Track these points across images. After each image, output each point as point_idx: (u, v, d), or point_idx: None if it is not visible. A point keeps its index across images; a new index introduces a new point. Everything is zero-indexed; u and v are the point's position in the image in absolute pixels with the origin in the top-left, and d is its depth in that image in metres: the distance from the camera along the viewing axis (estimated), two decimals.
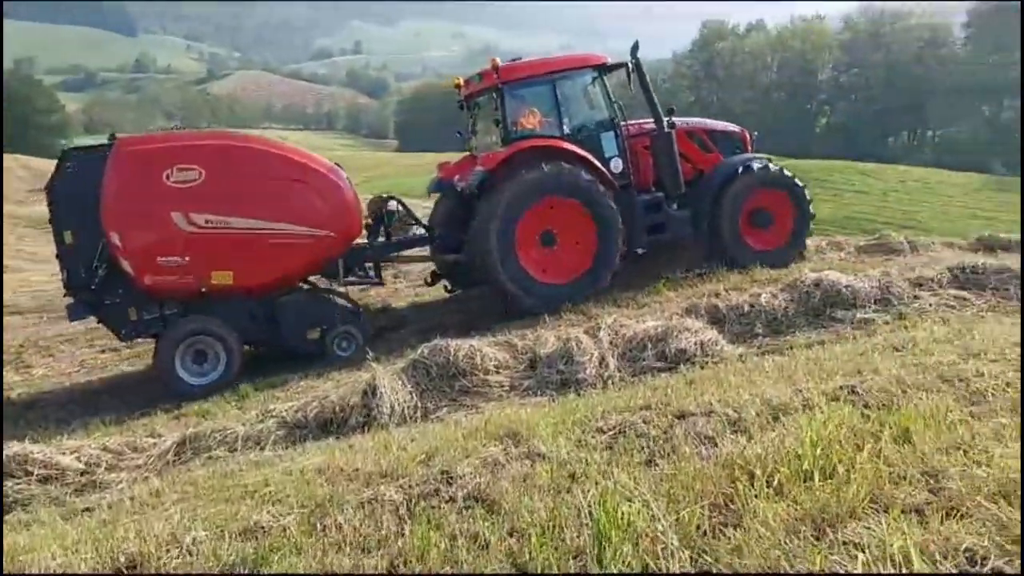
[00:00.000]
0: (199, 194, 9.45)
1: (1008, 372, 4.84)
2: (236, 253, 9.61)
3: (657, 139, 11.72)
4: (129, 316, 9.68)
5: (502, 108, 11.22)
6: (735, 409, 4.80)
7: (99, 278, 9.45)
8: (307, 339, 10.22)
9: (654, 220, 11.61)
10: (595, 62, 11.86)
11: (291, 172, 10.02)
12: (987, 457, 3.21)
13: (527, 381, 7.78)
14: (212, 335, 9.76)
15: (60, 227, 9.45)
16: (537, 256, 11.03)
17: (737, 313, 9.16)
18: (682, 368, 7.59)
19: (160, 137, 10.37)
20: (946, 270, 9.92)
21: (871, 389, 4.85)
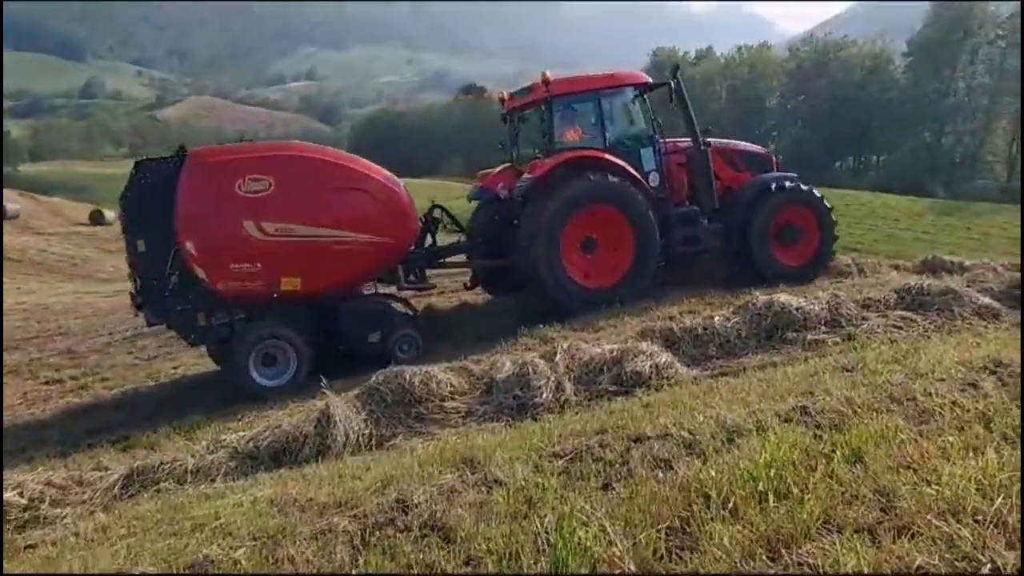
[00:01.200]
0: (269, 203, 9.83)
1: (954, 391, 4.95)
2: (303, 260, 10.01)
3: (693, 156, 12.41)
4: (198, 322, 9.99)
5: (549, 120, 11.84)
6: (690, 432, 4.81)
7: (171, 285, 9.73)
8: (368, 342, 10.57)
9: (689, 232, 12.16)
10: (638, 80, 12.63)
11: (353, 182, 10.45)
12: (936, 476, 3.26)
13: (483, 407, 7.72)
14: (284, 339, 10.14)
15: (133, 236, 9.71)
16: (579, 261, 11.63)
17: (691, 336, 9.23)
18: (638, 391, 7.62)
19: (231, 149, 10.73)
20: (893, 292, 10.12)
21: (823, 410, 4.90)
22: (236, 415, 8.81)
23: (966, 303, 9.69)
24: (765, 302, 9.64)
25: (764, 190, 12.42)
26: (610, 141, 12.06)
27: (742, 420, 4.90)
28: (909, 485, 3.20)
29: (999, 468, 3.21)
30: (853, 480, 3.34)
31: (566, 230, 11.36)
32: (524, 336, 10.35)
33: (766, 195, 12.38)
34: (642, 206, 11.52)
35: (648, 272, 11.70)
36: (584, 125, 12.24)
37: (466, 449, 5.33)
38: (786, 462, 3.60)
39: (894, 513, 2.99)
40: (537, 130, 12.51)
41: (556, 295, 11.31)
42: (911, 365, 6.20)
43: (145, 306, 9.95)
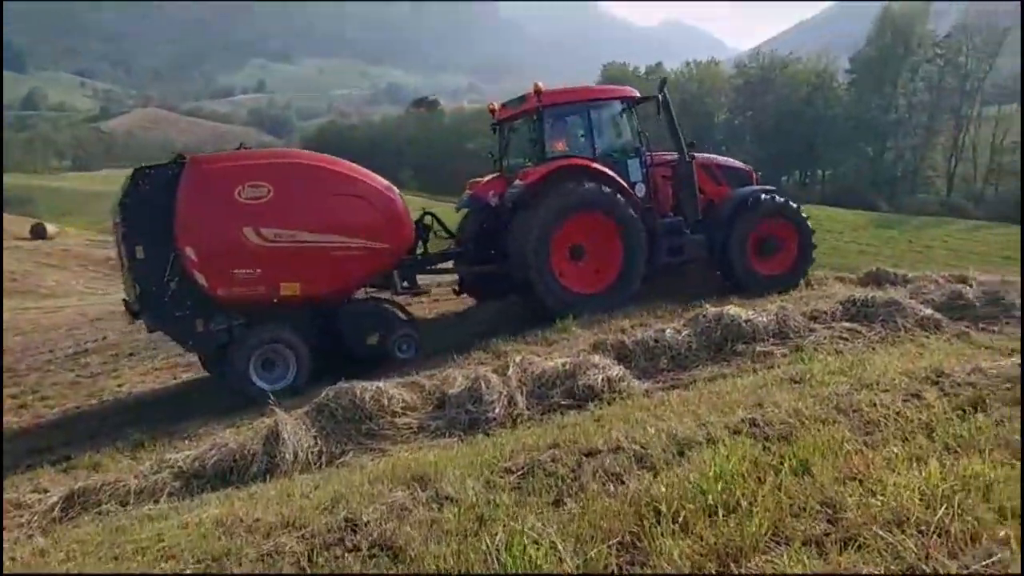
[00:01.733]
0: (268, 210, 9.89)
1: (898, 402, 5.04)
2: (302, 265, 10.11)
3: (679, 168, 12.73)
4: (196, 328, 9.98)
5: (540, 130, 12.01)
6: (642, 445, 4.82)
7: (170, 291, 9.74)
8: (367, 344, 10.71)
9: (674, 242, 12.38)
10: (626, 94, 12.98)
11: (351, 188, 10.58)
12: (881, 486, 3.31)
13: (435, 422, 7.65)
14: (284, 343, 10.22)
15: (131, 243, 9.67)
16: (568, 268, 11.80)
17: (643, 348, 9.26)
18: (590, 405, 7.61)
19: (230, 155, 10.72)
20: (838, 304, 10.29)
21: (771, 421, 4.96)
22: (182, 433, 8.60)
23: (909, 314, 9.88)
24: (715, 314, 9.73)
25: (742, 203, 12.73)
26: (599, 152, 12.27)
27: (693, 433, 4.93)
28: (855, 496, 3.24)
29: (941, 478, 3.27)
30: (801, 492, 3.37)
31: (556, 236, 11.54)
32: (477, 350, 10.32)
33: (744, 208, 12.69)
34: (630, 215, 11.77)
35: (635, 279, 11.91)
36: (574, 135, 12.54)
37: (417, 466, 5.28)
38: (736, 475, 3.62)
39: (841, 525, 3.02)
40: (527, 140, 12.73)
41: (546, 300, 11.44)
42: (857, 376, 6.31)
43: (143, 312, 9.96)
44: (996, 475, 3.26)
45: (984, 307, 10.24)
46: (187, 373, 11.55)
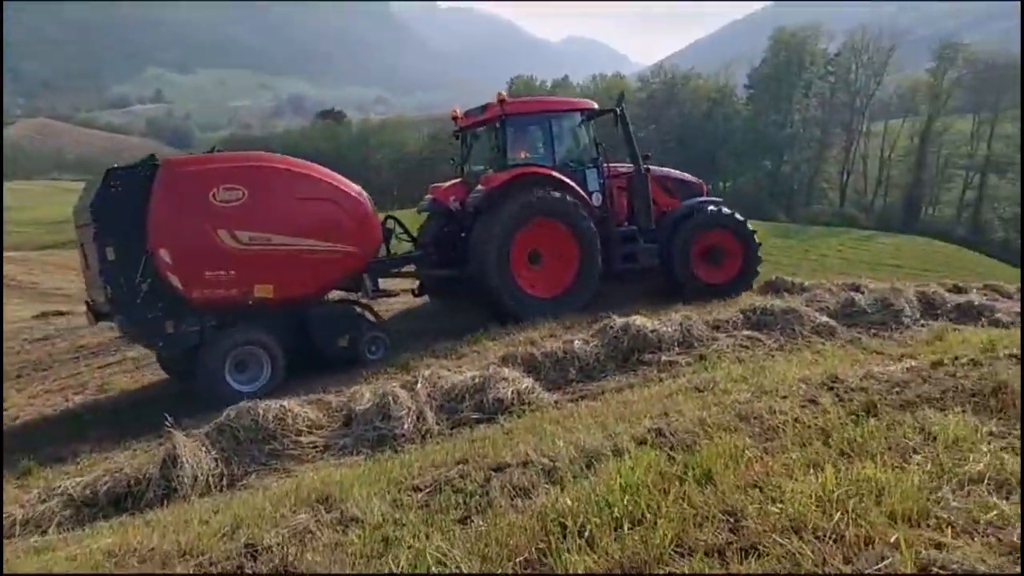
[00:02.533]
0: (242, 213, 9.98)
1: (796, 408, 5.18)
2: (276, 268, 10.23)
3: (634, 179, 13.24)
4: (166, 329, 9.91)
5: (503, 138, 12.37)
6: (550, 458, 4.81)
7: (142, 292, 9.69)
8: (337, 346, 10.87)
9: (628, 250, 12.85)
10: (585, 106, 13.56)
11: (323, 192, 10.75)
12: (780, 493, 3.38)
13: (342, 440, 7.51)
14: (259, 344, 10.25)
15: (102, 243, 9.56)
16: (526, 272, 12.12)
17: (552, 360, 9.33)
18: (500, 418, 7.61)
19: (204, 159, 10.71)
20: (739, 312, 10.58)
21: (676, 431, 5.02)
22: (73, 459, 8.18)
23: (806, 322, 10.24)
24: (622, 325, 9.87)
25: (687, 214, 13.25)
26: (558, 160, 12.70)
27: (600, 444, 4.95)
28: (756, 504, 3.30)
29: (837, 484, 3.36)
30: (704, 501, 3.41)
31: (516, 241, 11.84)
32: (386, 365, 10.20)
33: (688, 218, 13.17)
34: (586, 222, 12.12)
35: (591, 285, 12.27)
36: (535, 144, 12.91)
37: (322, 486, 5.15)
38: (641, 486, 3.64)
39: (742, 533, 3.07)
40: (488, 147, 13.11)
41: (504, 303, 11.76)
42: (757, 383, 6.47)
43: (116, 314, 9.93)
44: (887, 479, 3.37)
45: (875, 313, 10.68)
46: (79, 396, 11.00)
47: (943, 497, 3.13)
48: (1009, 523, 2.84)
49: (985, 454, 3.60)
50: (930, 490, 3.23)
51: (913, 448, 3.94)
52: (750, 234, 13.54)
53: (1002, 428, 4.10)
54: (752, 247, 13.48)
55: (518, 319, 11.39)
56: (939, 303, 11.22)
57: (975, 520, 2.89)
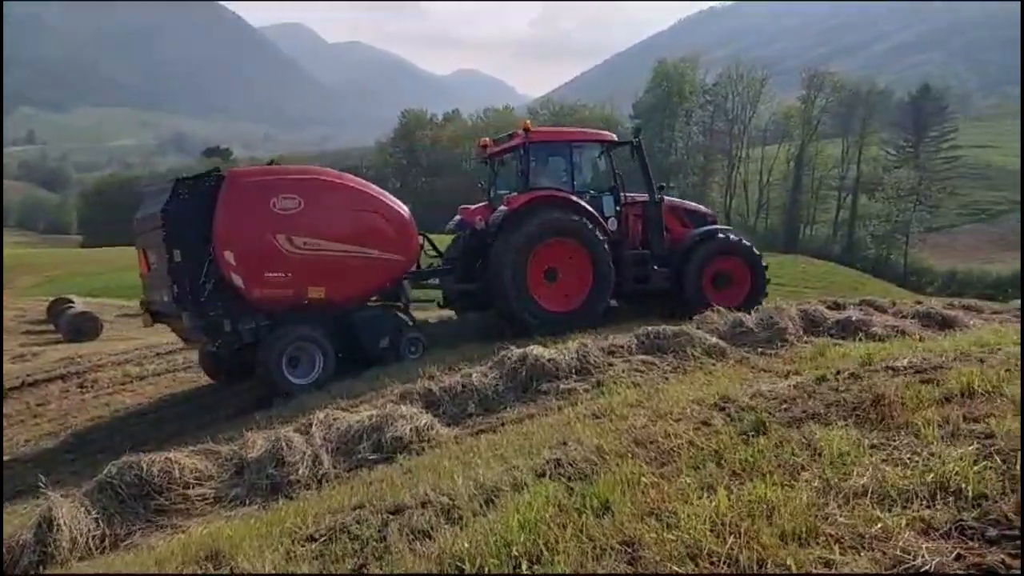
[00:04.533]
0: (299, 220, 11.00)
1: (690, 431, 5.25)
2: (328, 271, 11.25)
3: (648, 208, 14.10)
4: (224, 327, 10.88)
5: (526, 163, 13.25)
6: (450, 496, 4.72)
7: (206, 292, 10.64)
8: (379, 346, 11.76)
9: (639, 273, 13.67)
10: (605, 138, 14.66)
11: (371, 205, 11.86)
12: (676, 519, 3.39)
13: (234, 490, 7.17)
14: (312, 341, 11.22)
15: (170, 246, 10.47)
16: (542, 288, 12.80)
17: (451, 395, 9.21)
18: (399, 457, 7.43)
19: (265, 170, 11.83)
20: (634, 337, 10.72)
21: (575, 460, 5.01)
22: None
23: (697, 344, 10.44)
24: (519, 355, 9.85)
25: (700, 240, 13.99)
26: (577, 186, 13.56)
27: (500, 479, 4.89)
28: (653, 532, 3.29)
29: (730, 506, 3.40)
30: (602, 533, 3.38)
31: (533, 258, 12.59)
32: (279, 409, 9.90)
33: (700, 244, 13.92)
34: (601, 243, 12.87)
35: (603, 302, 13.00)
36: (556, 170, 13.76)
37: (211, 541, 4.92)
38: (539, 521, 3.60)
39: (640, 564, 3.06)
40: (513, 172, 13.95)
41: (521, 315, 12.43)
42: (653, 407, 6.54)
43: (183, 311, 10.69)
44: (778, 497, 3.43)
45: (761, 333, 11.00)
46: None
47: (830, 513, 3.20)
48: (892, 535, 2.92)
49: (867, 467, 3.71)
50: (818, 507, 3.31)
51: (801, 465, 4.03)
52: (758, 261, 14.40)
53: (882, 440, 4.26)
54: (760, 274, 14.29)
55: (530, 333, 11.84)
56: (820, 320, 11.67)
57: (861, 535, 2.97)
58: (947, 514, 3.06)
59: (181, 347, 15.86)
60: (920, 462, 3.68)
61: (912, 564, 2.68)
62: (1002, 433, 3.88)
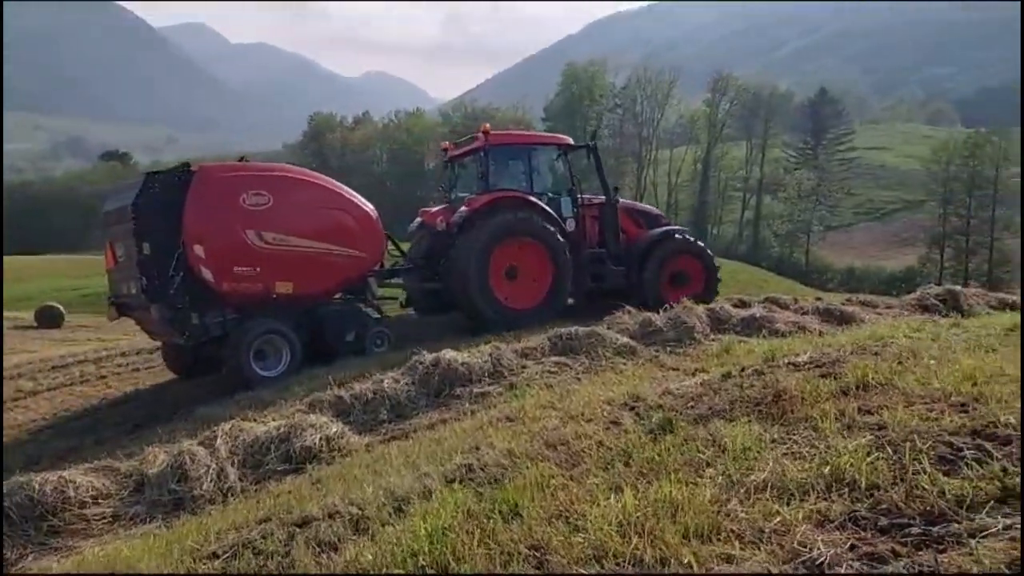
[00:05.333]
0: (267, 216, 11.20)
1: (600, 431, 5.29)
2: (295, 267, 11.46)
3: (605, 209, 14.64)
4: (191, 320, 10.99)
5: (486, 165, 13.66)
6: (359, 506, 4.63)
7: (175, 285, 10.74)
8: (345, 340, 12.09)
9: (596, 271, 14.21)
10: (562, 141, 15.23)
11: (338, 203, 12.15)
12: (584, 521, 3.39)
13: (134, 508, 6.89)
14: (279, 334, 11.45)
15: (140, 239, 10.64)
16: (503, 286, 13.19)
17: (362, 402, 9.08)
18: (309, 467, 7.29)
19: (235, 166, 12.02)
20: (546, 339, 10.78)
21: (486, 465, 4.98)
22: None
23: (608, 344, 10.57)
24: (432, 360, 9.78)
25: (657, 241, 14.62)
26: (536, 188, 14.05)
27: (410, 487, 4.82)
28: (561, 535, 3.29)
29: (636, 506, 3.42)
30: (510, 538, 3.36)
31: (493, 256, 12.95)
32: (182, 421, 9.58)
33: (658, 245, 14.53)
34: (559, 243, 13.32)
35: (561, 299, 13.52)
36: (515, 173, 14.24)
37: (108, 562, 4.73)
38: (448, 530, 3.55)
39: (548, 567, 3.05)
40: (473, 175, 14.37)
41: (484, 313, 12.83)
42: (565, 408, 6.57)
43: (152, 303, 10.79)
44: (682, 495, 3.47)
45: (670, 331, 11.19)
46: None
47: (732, 509, 3.26)
48: (789, 529, 2.99)
49: (768, 462, 3.80)
50: (720, 503, 3.36)
51: (706, 461, 4.10)
52: (711, 260, 15.23)
53: (783, 434, 4.36)
54: (712, 272, 15.02)
55: (493, 329, 12.15)
56: (726, 318, 11.95)
57: (761, 529, 3.02)
58: (842, 506, 3.15)
59: (79, 360, 15.22)
60: (817, 455, 3.78)
61: (808, 556, 2.74)
62: (894, 424, 4.03)
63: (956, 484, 3.12)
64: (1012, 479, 3.06)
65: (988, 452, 3.40)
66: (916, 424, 3.96)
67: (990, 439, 3.58)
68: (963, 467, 3.31)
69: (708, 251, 15.49)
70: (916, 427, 3.90)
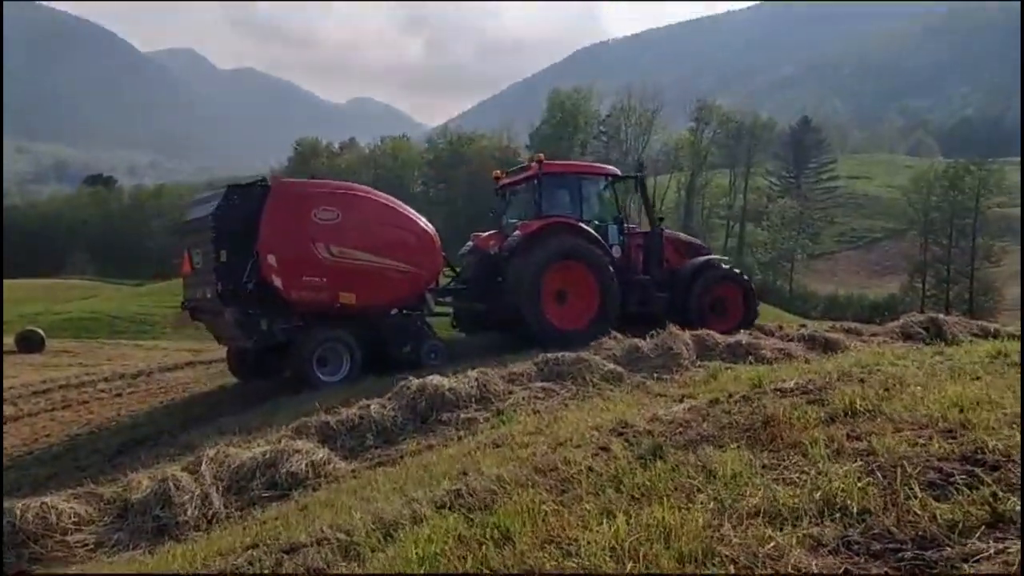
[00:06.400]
0: (336, 231, 11.98)
1: (589, 457, 5.28)
2: (358, 280, 12.17)
3: (650, 238, 15.32)
4: (260, 325, 11.72)
5: (539, 193, 14.30)
6: (347, 533, 4.59)
7: (248, 291, 11.47)
8: (403, 352, 12.64)
9: (641, 296, 14.62)
10: (610, 172, 16.09)
11: (400, 221, 12.94)
12: (576, 546, 3.38)
13: (117, 534, 6.79)
14: (342, 341, 12.14)
15: (219, 247, 11.44)
16: (553, 308, 13.71)
17: (348, 427, 9.02)
18: (295, 494, 7.23)
19: (308, 183, 13.48)
20: (533, 364, 10.78)
21: (475, 491, 4.95)
22: None
23: (595, 370, 10.57)
24: (418, 385, 9.74)
25: (700, 269, 15.16)
26: (585, 215, 14.59)
27: (399, 512, 4.78)
28: (554, 560, 3.28)
29: (628, 531, 3.42)
30: (502, 563, 3.35)
31: (545, 278, 13.50)
32: (167, 447, 9.49)
33: (701, 273, 15.05)
34: (606, 267, 13.88)
35: (609, 321, 13.54)
36: (566, 200, 14.78)
37: None
38: (439, 555, 3.53)
39: None
40: (525, 202, 15.11)
41: (535, 332, 13.14)
42: (553, 435, 6.56)
43: (226, 307, 11.55)
44: (675, 520, 3.47)
45: (657, 358, 11.23)
46: None
47: (725, 534, 3.26)
48: (784, 553, 3.00)
49: (760, 487, 3.81)
50: (713, 528, 3.36)
51: (697, 487, 4.10)
52: (751, 289, 15.82)
53: (773, 460, 4.38)
54: (752, 299, 15.61)
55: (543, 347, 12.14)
56: (712, 344, 11.99)
57: (755, 554, 3.03)
58: (834, 530, 3.16)
59: (60, 385, 15.07)
60: (808, 480, 3.80)
61: None
62: (883, 450, 4.06)
63: (947, 509, 3.14)
64: (1003, 504, 3.08)
65: (978, 477, 3.43)
66: (905, 450, 3.99)
67: (979, 464, 3.61)
68: (953, 492, 3.34)
69: (748, 280, 16.16)
70: (905, 453, 3.93)
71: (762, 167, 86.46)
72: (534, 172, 14.60)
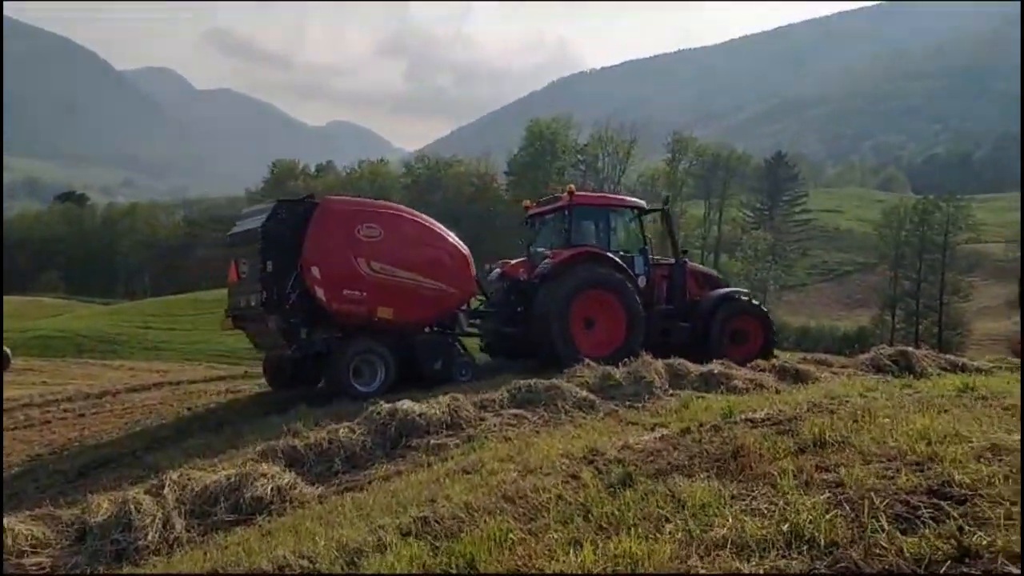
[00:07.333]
0: (377, 247, 12.42)
1: (559, 485, 5.23)
2: (397, 295, 12.53)
3: (673, 269, 15.80)
4: (301, 334, 12.16)
5: (570, 223, 14.85)
6: (310, 560, 4.51)
7: (291, 301, 11.92)
8: (434, 368, 12.99)
9: (665, 326, 15.00)
10: (637, 204, 16.60)
11: (439, 242, 13.42)
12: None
13: (74, 558, 6.61)
14: (377, 353, 12.49)
15: (265, 257, 11.91)
16: (580, 335, 13.99)
17: (316, 452, 8.87)
18: (259, 519, 7.08)
19: (354, 201, 14.25)
20: (505, 391, 10.71)
21: (443, 518, 4.88)
22: None
23: (568, 397, 10.52)
24: (389, 410, 9.63)
25: (721, 301, 15.52)
26: (612, 246, 15.04)
27: (364, 539, 4.70)
28: None
29: (595, 561, 3.37)
30: None
31: (574, 305, 13.84)
32: (129, 468, 9.30)
33: (721, 305, 15.38)
34: (633, 296, 14.24)
35: (635, 349, 13.41)
36: (594, 230, 15.23)
37: None
38: None
39: None
40: (554, 231, 15.61)
41: (562, 357, 13.14)
42: (523, 462, 6.51)
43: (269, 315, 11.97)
44: (642, 551, 3.43)
45: (629, 386, 11.20)
46: None
47: (692, 566, 3.23)
48: None
49: (728, 518, 3.78)
50: (680, 559, 3.33)
51: (665, 517, 4.07)
52: (770, 321, 16.26)
53: (742, 490, 4.36)
54: (770, 331, 15.98)
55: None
56: (684, 373, 11.98)
57: None
58: (801, 563, 3.13)
59: (23, 404, 14.78)
60: (776, 512, 3.78)
61: None
62: (851, 482, 4.05)
63: (914, 542, 3.13)
64: (968, 538, 3.07)
65: (944, 511, 3.42)
66: (873, 482, 3.99)
67: (945, 498, 3.61)
68: (920, 526, 3.33)
69: (767, 311, 16.66)
70: (873, 485, 3.92)
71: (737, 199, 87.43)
72: (565, 203, 15.08)
